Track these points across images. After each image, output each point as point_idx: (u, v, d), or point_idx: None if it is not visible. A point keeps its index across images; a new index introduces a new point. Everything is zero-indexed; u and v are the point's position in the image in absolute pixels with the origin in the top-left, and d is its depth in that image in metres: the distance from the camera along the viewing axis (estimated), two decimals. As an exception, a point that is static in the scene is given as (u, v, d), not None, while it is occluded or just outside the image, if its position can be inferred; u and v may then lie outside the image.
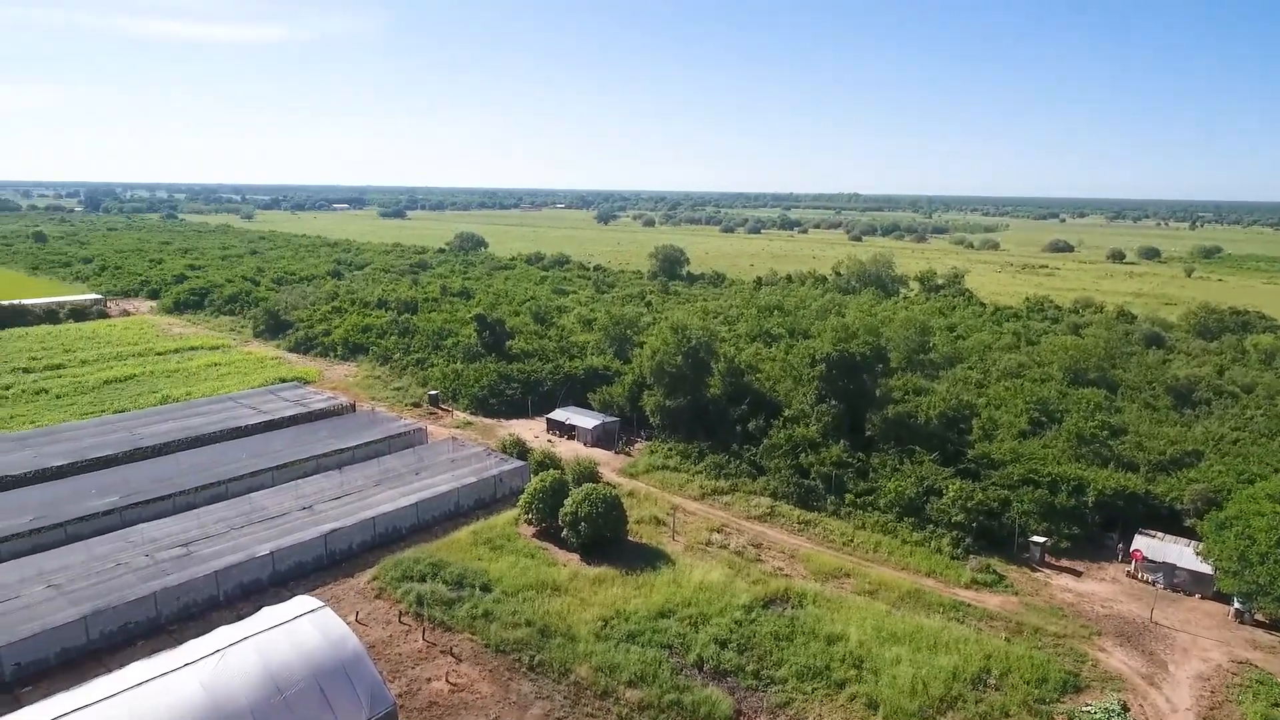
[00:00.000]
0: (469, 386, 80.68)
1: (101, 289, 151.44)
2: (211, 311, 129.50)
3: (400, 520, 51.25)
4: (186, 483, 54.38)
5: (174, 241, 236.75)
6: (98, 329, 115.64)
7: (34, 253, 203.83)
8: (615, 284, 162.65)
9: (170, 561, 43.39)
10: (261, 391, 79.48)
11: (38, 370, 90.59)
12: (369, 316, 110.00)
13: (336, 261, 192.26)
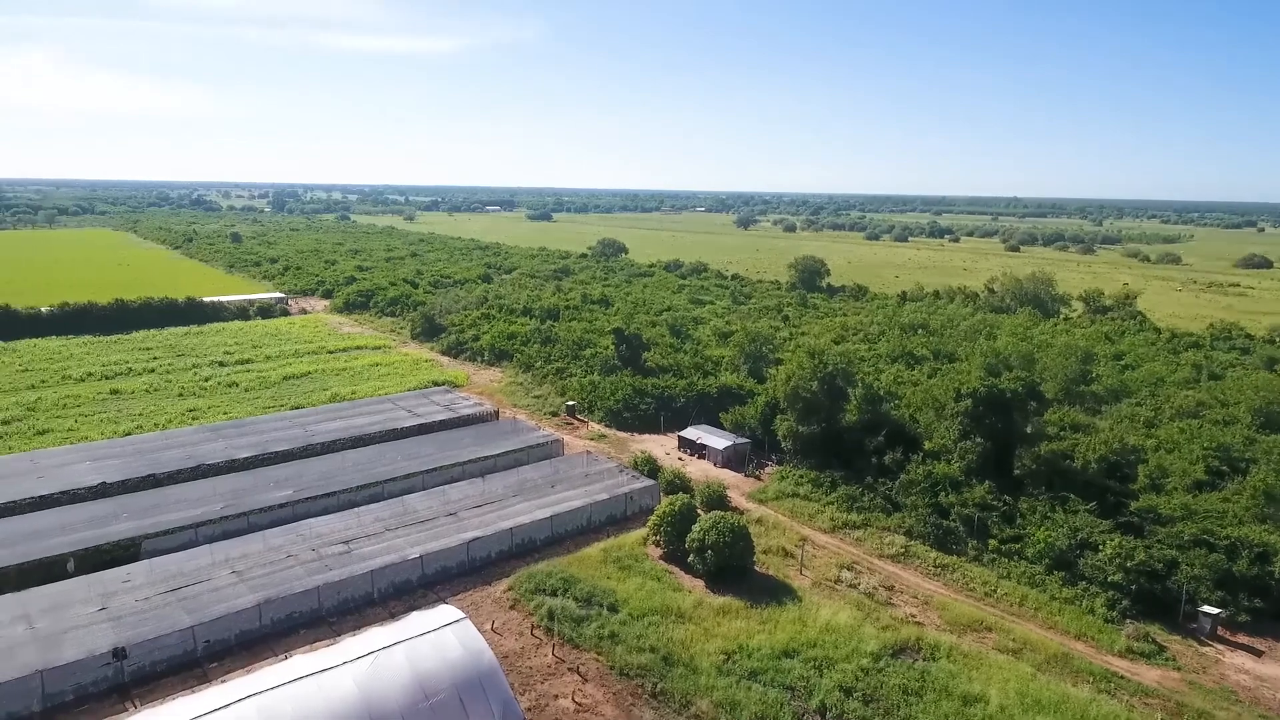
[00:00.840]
0: (605, 399, 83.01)
1: (284, 288, 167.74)
2: (376, 312, 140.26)
3: (536, 532, 53.70)
4: (349, 481, 59.46)
5: (346, 243, 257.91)
6: (280, 326, 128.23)
7: (231, 252, 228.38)
8: (752, 295, 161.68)
9: (333, 557, 47.73)
10: (416, 395, 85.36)
11: (231, 364, 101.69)
12: (514, 324, 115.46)
13: (487, 265, 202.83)
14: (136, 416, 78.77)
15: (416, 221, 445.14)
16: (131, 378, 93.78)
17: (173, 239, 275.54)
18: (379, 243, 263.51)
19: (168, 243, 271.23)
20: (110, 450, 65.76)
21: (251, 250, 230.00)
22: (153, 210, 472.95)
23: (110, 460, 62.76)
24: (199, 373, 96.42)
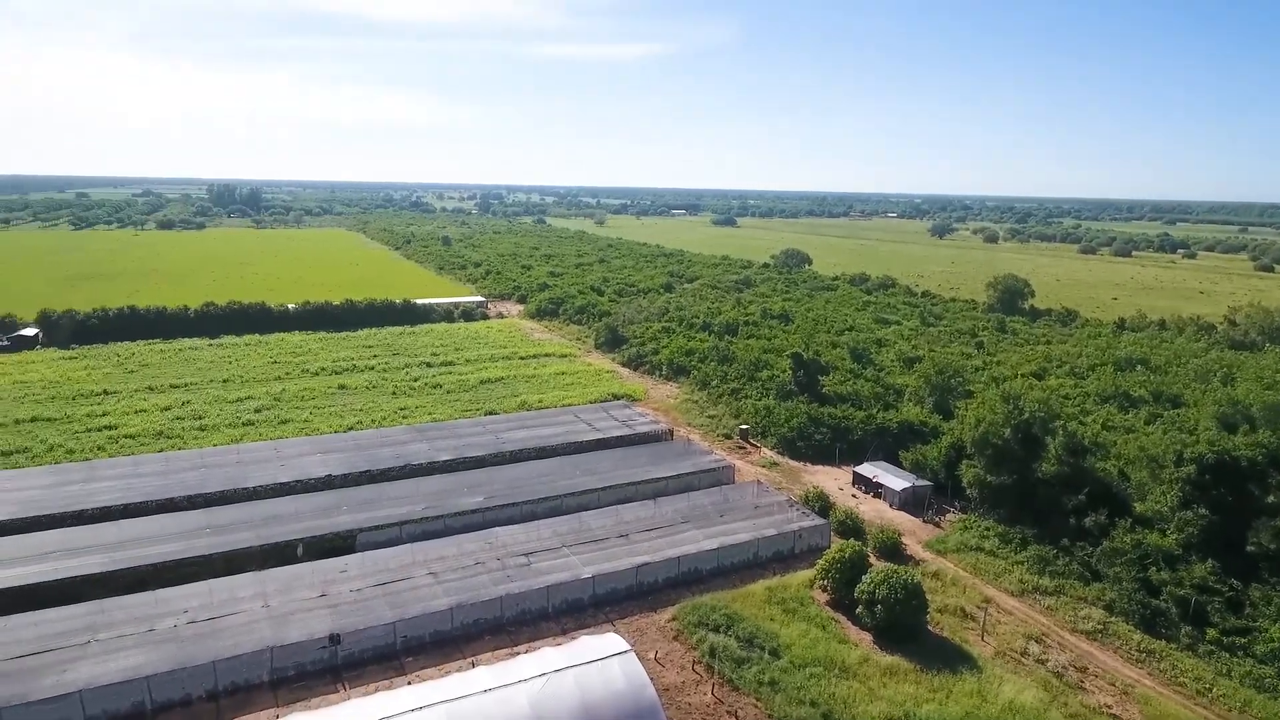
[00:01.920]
0: (779, 425, 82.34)
1: (485, 291, 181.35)
2: (564, 319, 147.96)
3: (702, 562, 54.60)
4: (532, 492, 63.56)
5: (541, 248, 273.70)
6: (479, 330, 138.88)
7: (441, 254, 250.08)
8: (944, 315, 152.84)
9: (515, 569, 51.38)
10: (596, 407, 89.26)
11: (436, 366, 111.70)
12: (693, 340, 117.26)
13: (670, 274, 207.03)
14: (358, 412, 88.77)
15: (606, 225, 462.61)
16: (355, 374, 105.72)
17: (394, 240, 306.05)
18: (570, 248, 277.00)
19: (390, 244, 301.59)
20: (335, 444, 74.73)
21: (458, 253, 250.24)
22: (379, 211, 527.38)
23: (335, 454, 71.35)
24: (409, 373, 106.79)
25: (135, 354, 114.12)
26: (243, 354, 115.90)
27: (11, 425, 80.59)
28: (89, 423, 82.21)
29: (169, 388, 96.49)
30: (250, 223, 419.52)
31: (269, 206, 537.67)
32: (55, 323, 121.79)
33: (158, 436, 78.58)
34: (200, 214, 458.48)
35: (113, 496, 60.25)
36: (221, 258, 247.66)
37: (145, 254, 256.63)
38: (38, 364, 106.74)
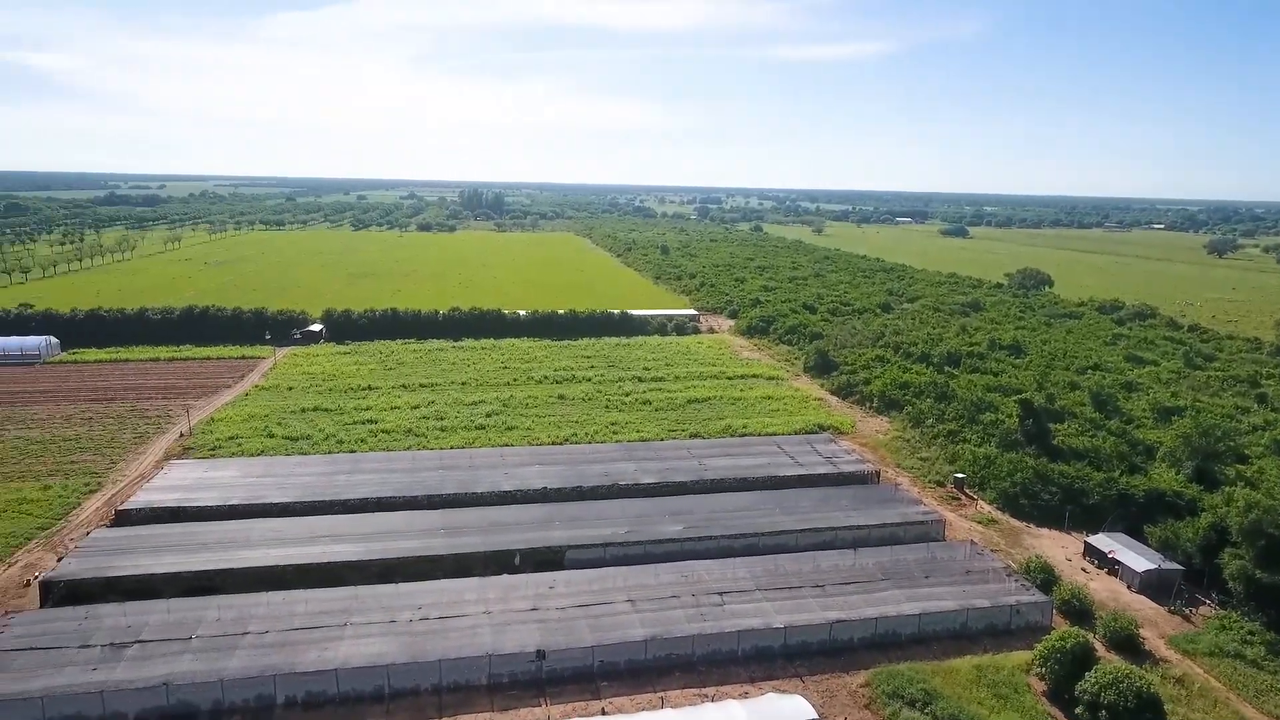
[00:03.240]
0: (999, 478, 76.33)
1: (698, 304, 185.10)
2: (774, 339, 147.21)
3: (902, 626, 52.36)
4: (731, 527, 64.43)
5: (755, 258, 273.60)
6: (690, 345, 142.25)
7: (659, 263, 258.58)
8: (1216, 357, 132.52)
9: (709, 608, 52.58)
10: (800, 439, 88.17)
11: (647, 380, 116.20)
12: (909, 372, 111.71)
13: (889, 292, 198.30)
14: (574, 424, 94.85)
15: (825, 234, 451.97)
16: (574, 384, 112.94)
17: (616, 247, 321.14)
18: (785, 259, 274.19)
19: (612, 250, 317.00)
20: (552, 456, 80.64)
21: (675, 263, 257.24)
22: (605, 216, 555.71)
23: (551, 466, 77.01)
24: (622, 387, 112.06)
25: (394, 352, 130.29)
26: (479, 357, 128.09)
27: (299, 413, 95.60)
28: (356, 415, 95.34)
29: (419, 386, 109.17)
30: (493, 225, 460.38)
31: (509, 210, 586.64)
32: (335, 321, 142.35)
33: (407, 434, 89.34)
34: (452, 217, 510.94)
35: (369, 490, 69.67)
36: (467, 259, 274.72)
37: (406, 254, 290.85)
38: (320, 358, 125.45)
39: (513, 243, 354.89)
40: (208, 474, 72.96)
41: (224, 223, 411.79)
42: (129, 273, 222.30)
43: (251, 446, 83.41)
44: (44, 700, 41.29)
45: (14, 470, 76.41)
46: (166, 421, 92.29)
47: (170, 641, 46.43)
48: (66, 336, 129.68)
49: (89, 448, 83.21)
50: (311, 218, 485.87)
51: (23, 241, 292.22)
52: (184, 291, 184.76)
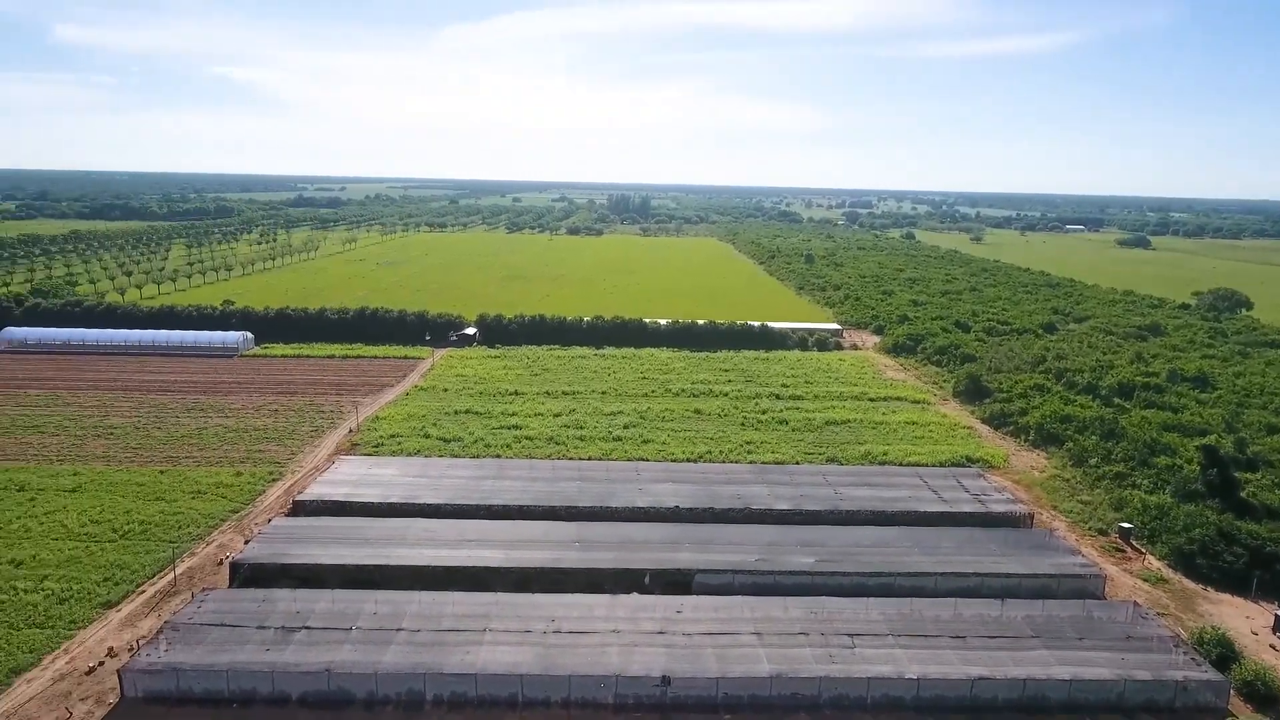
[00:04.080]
0: (1174, 532, 69.37)
1: (842, 318, 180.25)
2: (921, 359, 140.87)
3: (1051, 691, 48.84)
4: (865, 563, 62.54)
5: (905, 269, 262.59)
6: (831, 362, 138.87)
7: (802, 273, 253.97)
8: None
9: (838, 649, 51.40)
10: (945, 473, 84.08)
11: (785, 398, 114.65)
12: (1071, 404, 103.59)
13: (1053, 311, 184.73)
14: (708, 440, 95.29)
15: (984, 242, 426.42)
16: (710, 399, 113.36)
17: (759, 254, 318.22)
18: (938, 271, 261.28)
19: (755, 258, 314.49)
20: (685, 474, 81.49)
21: (820, 273, 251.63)
22: (749, 221, 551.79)
23: (684, 485, 77.84)
24: (759, 404, 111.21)
25: (540, 358, 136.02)
26: (620, 366, 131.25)
27: (452, 415, 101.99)
28: (503, 420, 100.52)
29: (561, 394, 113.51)
30: (639, 229, 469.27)
31: (655, 214, 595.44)
32: (487, 325, 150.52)
33: (549, 441, 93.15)
34: (600, 220, 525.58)
35: (512, 497, 73.36)
36: (612, 264, 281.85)
37: (555, 258, 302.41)
38: (473, 360, 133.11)
39: (656, 248, 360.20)
40: (371, 471, 79.48)
41: (394, 224, 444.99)
42: (312, 272, 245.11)
43: (409, 446, 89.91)
44: (228, 673, 46.73)
45: (214, 455, 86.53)
46: (338, 417, 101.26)
47: (332, 630, 51.13)
48: (259, 332, 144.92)
49: (273, 438, 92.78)
50: (471, 220, 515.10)
51: (227, 241, 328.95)
52: (357, 291, 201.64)
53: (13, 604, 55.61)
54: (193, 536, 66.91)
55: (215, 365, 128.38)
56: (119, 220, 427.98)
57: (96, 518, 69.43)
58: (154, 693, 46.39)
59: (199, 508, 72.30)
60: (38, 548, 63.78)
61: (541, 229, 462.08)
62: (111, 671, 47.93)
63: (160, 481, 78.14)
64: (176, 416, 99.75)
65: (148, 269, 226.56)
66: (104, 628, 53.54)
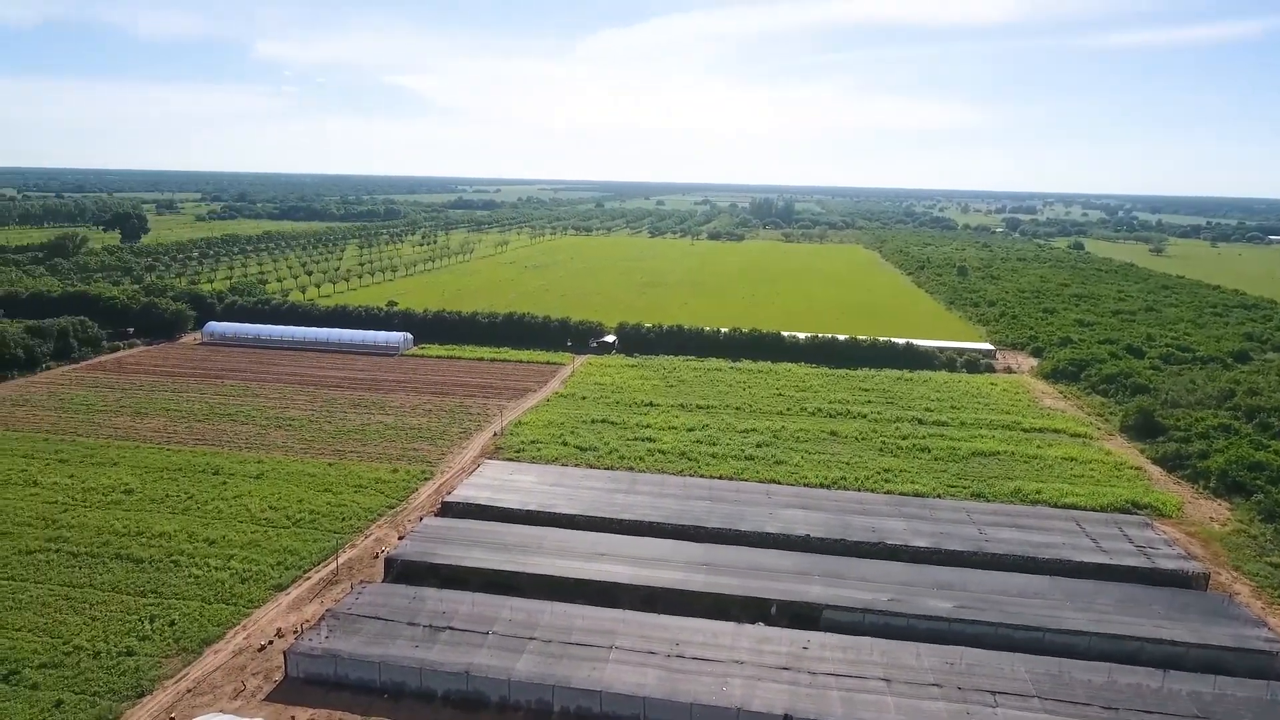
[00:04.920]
0: (1387, 611, 60.59)
1: (995, 337, 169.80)
2: (1085, 387, 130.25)
3: (1218, 781, 44.29)
4: (1010, 614, 58.92)
5: (1071, 284, 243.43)
6: (980, 386, 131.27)
7: (954, 286, 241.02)
8: None
9: (977, 707, 48.76)
10: (1106, 518, 77.63)
11: (928, 424, 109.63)
12: (1264, 449, 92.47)
13: (1247, 337, 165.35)
14: (843, 465, 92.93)
15: (1166, 254, 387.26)
16: (848, 420, 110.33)
17: (907, 264, 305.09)
18: (1109, 288, 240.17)
19: (903, 268, 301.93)
20: (817, 500, 79.98)
21: (973, 287, 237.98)
22: (898, 228, 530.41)
23: (816, 512, 76.43)
24: (899, 428, 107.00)
25: (676, 369, 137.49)
26: (755, 381, 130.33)
27: (589, 424, 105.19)
28: (637, 431, 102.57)
29: (695, 408, 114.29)
30: (780, 235, 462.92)
31: (798, 219, 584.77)
32: (626, 333, 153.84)
33: (681, 456, 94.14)
34: (741, 225, 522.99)
35: (643, 512, 74.85)
36: (751, 271, 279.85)
37: (695, 264, 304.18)
38: (611, 369, 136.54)
39: (798, 255, 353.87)
40: (512, 476, 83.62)
41: (543, 227, 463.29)
42: (467, 274, 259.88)
43: (548, 453, 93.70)
44: (380, 665, 50.84)
45: (375, 451, 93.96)
46: (484, 419, 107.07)
47: (472, 633, 54.38)
48: (417, 332, 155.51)
49: (426, 437, 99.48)
50: (615, 224, 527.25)
51: (394, 242, 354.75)
52: (506, 294, 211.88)
53: (206, 579, 63.10)
54: (353, 529, 73.13)
55: (379, 363, 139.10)
56: (303, 221, 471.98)
57: (274, 504, 77.34)
58: (314, 675, 51.28)
59: (360, 501, 78.87)
60: (226, 529, 71.94)
61: (683, 233, 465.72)
62: (278, 651, 53.39)
63: (328, 474, 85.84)
64: (344, 412, 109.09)
65: (325, 269, 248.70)
66: (274, 609, 59.68)
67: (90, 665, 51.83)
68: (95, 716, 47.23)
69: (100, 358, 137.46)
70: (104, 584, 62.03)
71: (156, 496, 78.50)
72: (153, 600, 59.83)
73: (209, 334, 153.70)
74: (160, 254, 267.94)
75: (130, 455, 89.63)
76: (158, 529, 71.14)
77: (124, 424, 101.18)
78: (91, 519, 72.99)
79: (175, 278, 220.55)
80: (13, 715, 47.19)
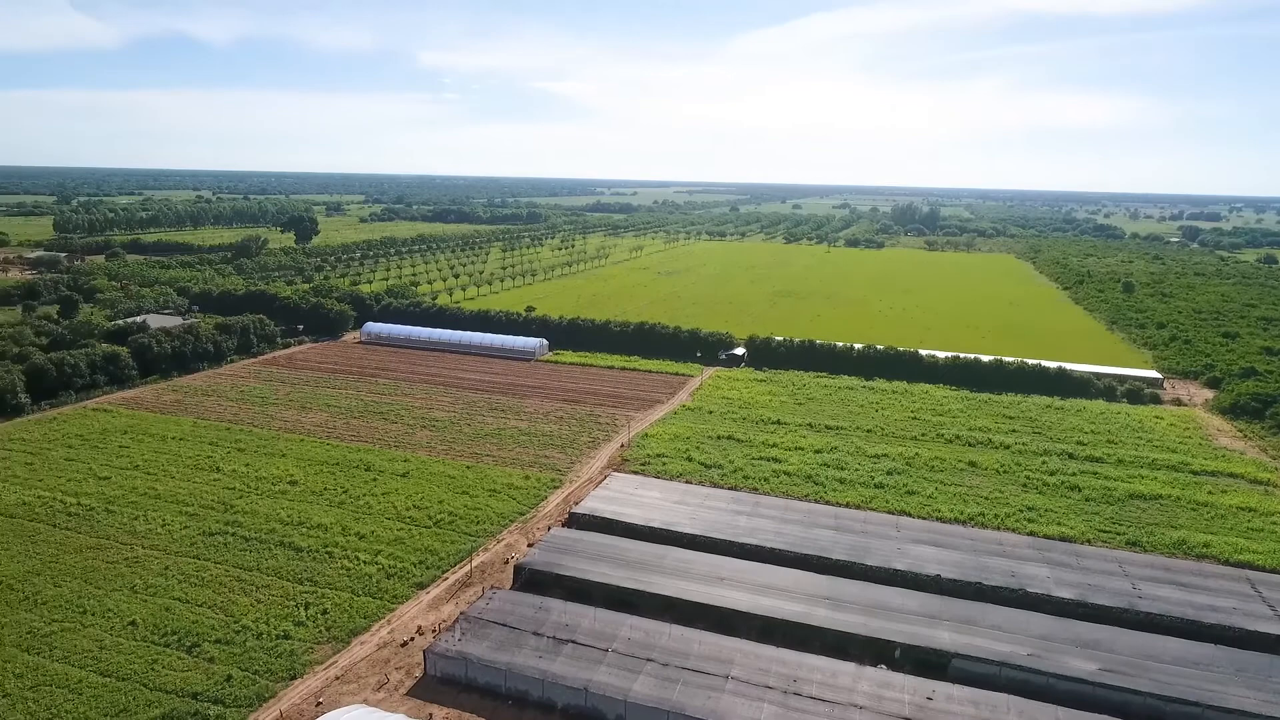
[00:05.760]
0: None
1: (1162, 364, 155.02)
2: (1271, 426, 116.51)
3: None
4: (1164, 683, 54.06)
5: (1259, 305, 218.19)
6: (1143, 419, 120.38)
7: (1118, 304, 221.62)
8: None
9: (1115, 784, 45.35)
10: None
11: (1080, 459, 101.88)
12: None
13: None
14: (982, 500, 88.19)
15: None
16: (988, 450, 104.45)
17: (1065, 278, 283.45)
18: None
19: (1060, 281, 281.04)
20: (951, 537, 76.34)
21: (1140, 305, 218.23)
22: (1055, 237, 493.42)
23: (949, 550, 73.05)
24: (1047, 463, 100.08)
25: (805, 385, 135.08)
26: (889, 402, 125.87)
27: (714, 440, 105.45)
28: (763, 450, 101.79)
29: (824, 428, 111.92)
30: (923, 243, 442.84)
31: (943, 225, 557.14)
32: (756, 346, 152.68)
33: (807, 479, 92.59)
34: (881, 231, 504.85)
35: (765, 537, 74.34)
36: (890, 282, 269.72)
37: (831, 272, 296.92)
38: (739, 383, 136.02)
39: (941, 264, 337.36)
40: (636, 491, 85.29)
41: (677, 232, 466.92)
42: (601, 279, 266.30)
43: (673, 468, 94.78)
44: (506, 672, 53.52)
45: (509, 456, 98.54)
46: (612, 429, 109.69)
47: (593, 649, 56.14)
48: (552, 338, 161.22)
49: (557, 445, 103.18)
50: (749, 229, 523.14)
51: (534, 246, 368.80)
52: (639, 300, 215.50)
53: (356, 572, 68.65)
54: (486, 533, 77.15)
55: (515, 368, 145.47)
56: (453, 223, 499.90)
57: (418, 504, 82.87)
58: (449, 675, 54.71)
59: (494, 506, 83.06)
60: (375, 524, 77.86)
61: (819, 239, 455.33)
62: (418, 649, 57.34)
63: (466, 476, 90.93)
64: (482, 415, 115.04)
65: (471, 271, 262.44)
66: (416, 606, 64.05)
67: (254, 645, 57.79)
68: (255, 693, 52.65)
69: (274, 353, 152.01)
70: (269, 569, 68.87)
71: (316, 489, 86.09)
72: (308, 588, 65.79)
73: (367, 333, 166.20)
74: (327, 255, 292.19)
75: (296, 448, 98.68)
76: (316, 520, 78.09)
77: (291, 417, 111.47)
78: (261, 507, 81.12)
79: (340, 277, 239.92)
80: (194, 684, 53.46)
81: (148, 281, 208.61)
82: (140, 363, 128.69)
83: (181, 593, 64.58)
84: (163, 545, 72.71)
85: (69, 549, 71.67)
